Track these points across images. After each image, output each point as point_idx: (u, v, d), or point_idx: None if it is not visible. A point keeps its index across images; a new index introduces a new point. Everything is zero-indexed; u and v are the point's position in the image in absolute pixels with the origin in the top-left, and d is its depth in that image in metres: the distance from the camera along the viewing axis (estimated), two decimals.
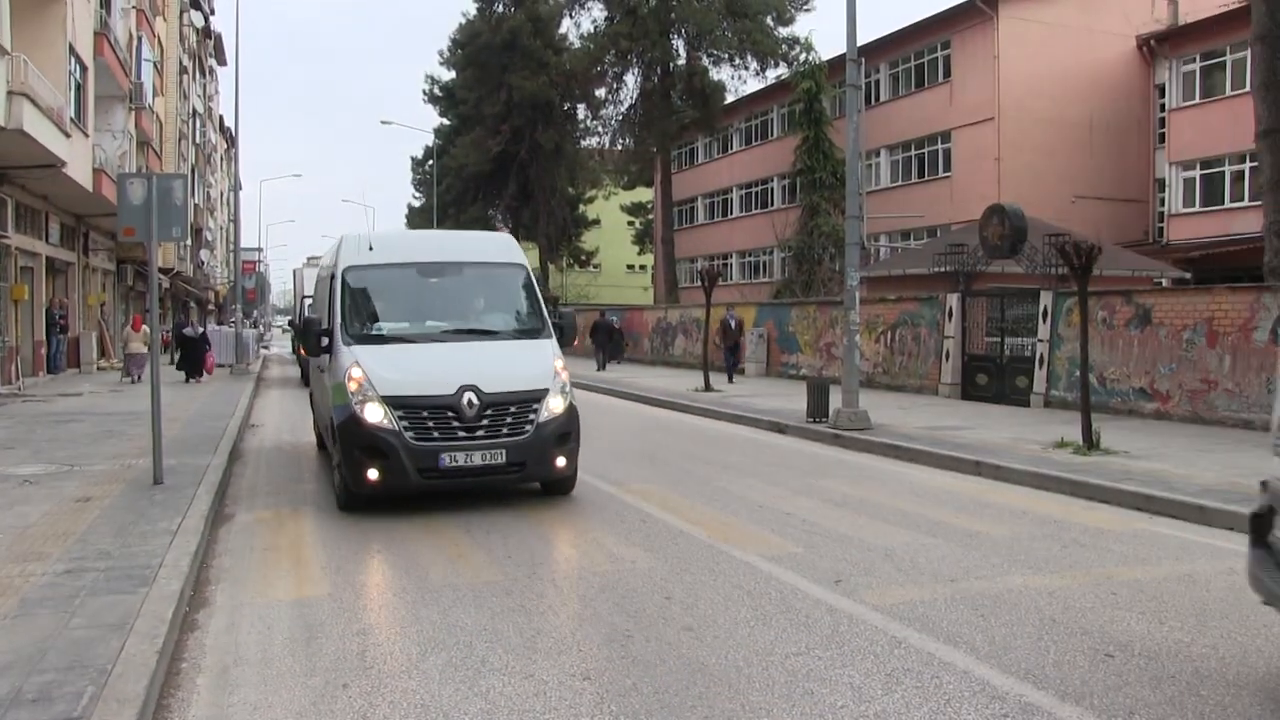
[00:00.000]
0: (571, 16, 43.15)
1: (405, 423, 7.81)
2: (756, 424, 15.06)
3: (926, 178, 32.62)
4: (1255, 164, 17.91)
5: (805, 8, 39.21)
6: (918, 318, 19.43)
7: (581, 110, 45.95)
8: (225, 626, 5.32)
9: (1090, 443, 10.92)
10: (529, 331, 9.12)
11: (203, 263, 52.15)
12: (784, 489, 9.42)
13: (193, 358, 23.92)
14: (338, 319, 8.72)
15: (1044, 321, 16.24)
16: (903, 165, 33.96)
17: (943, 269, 19.20)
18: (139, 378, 21.82)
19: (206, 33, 51.96)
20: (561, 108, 45.55)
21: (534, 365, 8.53)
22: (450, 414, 7.86)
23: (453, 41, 48.49)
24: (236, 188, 42.52)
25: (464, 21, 47.36)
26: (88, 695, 3.97)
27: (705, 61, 39.69)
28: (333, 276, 9.23)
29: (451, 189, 48.56)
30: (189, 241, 38.03)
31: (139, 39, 29.64)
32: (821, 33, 62.57)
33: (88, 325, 27.80)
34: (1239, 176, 26.13)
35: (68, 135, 19.07)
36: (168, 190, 8.88)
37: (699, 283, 24.05)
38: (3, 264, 19.95)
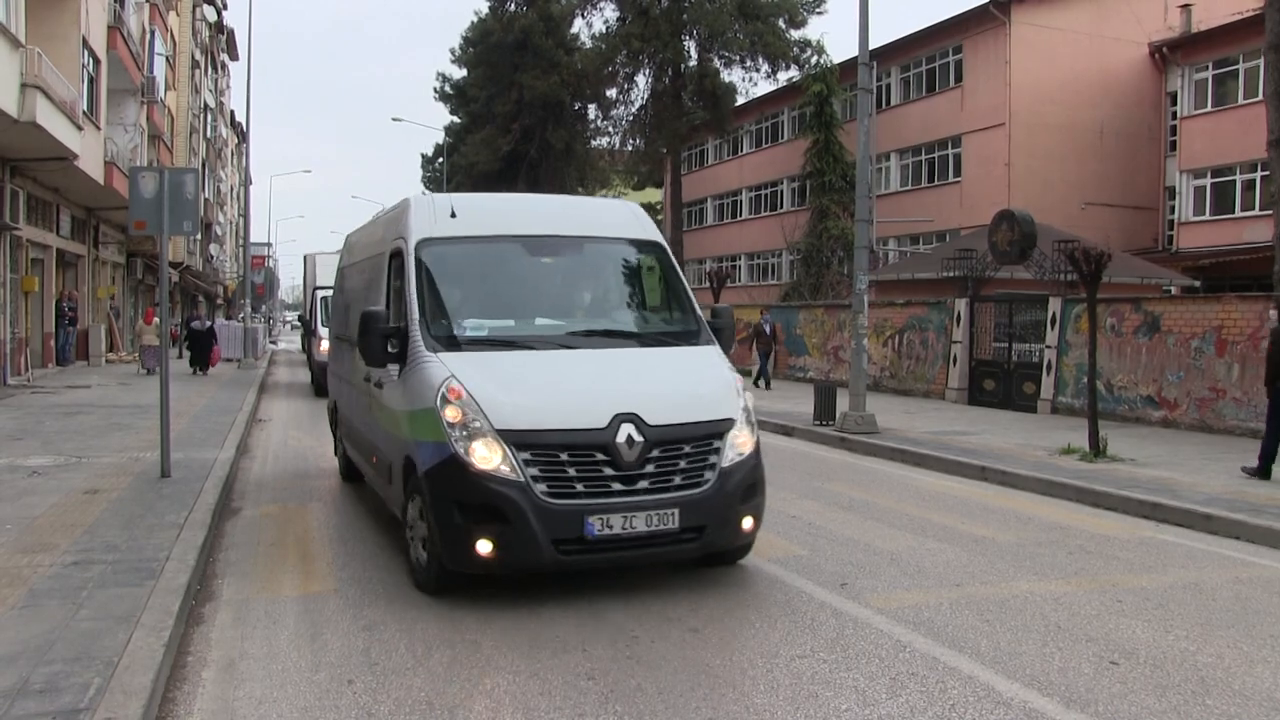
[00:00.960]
0: (583, 16, 43.15)
1: (535, 470, 5.35)
2: (763, 426, 14.95)
3: (936, 182, 32.55)
4: (1267, 173, 17.82)
5: (817, 10, 39.14)
6: (926, 322, 19.40)
7: (592, 110, 45.94)
8: (231, 621, 5.34)
9: (1097, 449, 10.89)
10: (683, 334, 6.67)
11: (212, 257, 52.35)
12: (790, 491, 9.41)
13: (200, 350, 24.26)
14: (414, 314, 6.15)
15: (1052, 328, 16.20)
16: (913, 169, 33.89)
17: (951, 274, 19.16)
18: (152, 369, 21.94)
19: (219, 27, 52.16)
20: (572, 107, 45.56)
21: (709, 383, 6.15)
22: (600, 457, 5.42)
23: (464, 40, 48.53)
24: (247, 182, 42.69)
25: (476, 20, 47.40)
26: (94, 687, 3.98)
27: (716, 63, 39.64)
28: (394, 254, 6.87)
29: (462, 187, 48.56)
30: (199, 236, 38.17)
31: (152, 33, 29.77)
32: (833, 36, 62.94)
33: (97, 318, 27.91)
34: (1250, 185, 26.01)
35: (80, 128, 19.14)
36: (179, 184, 8.90)
37: (707, 284, 23.96)
38: (13, 256, 20.02)
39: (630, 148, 44.57)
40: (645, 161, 46.31)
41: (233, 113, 63.90)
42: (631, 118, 42.26)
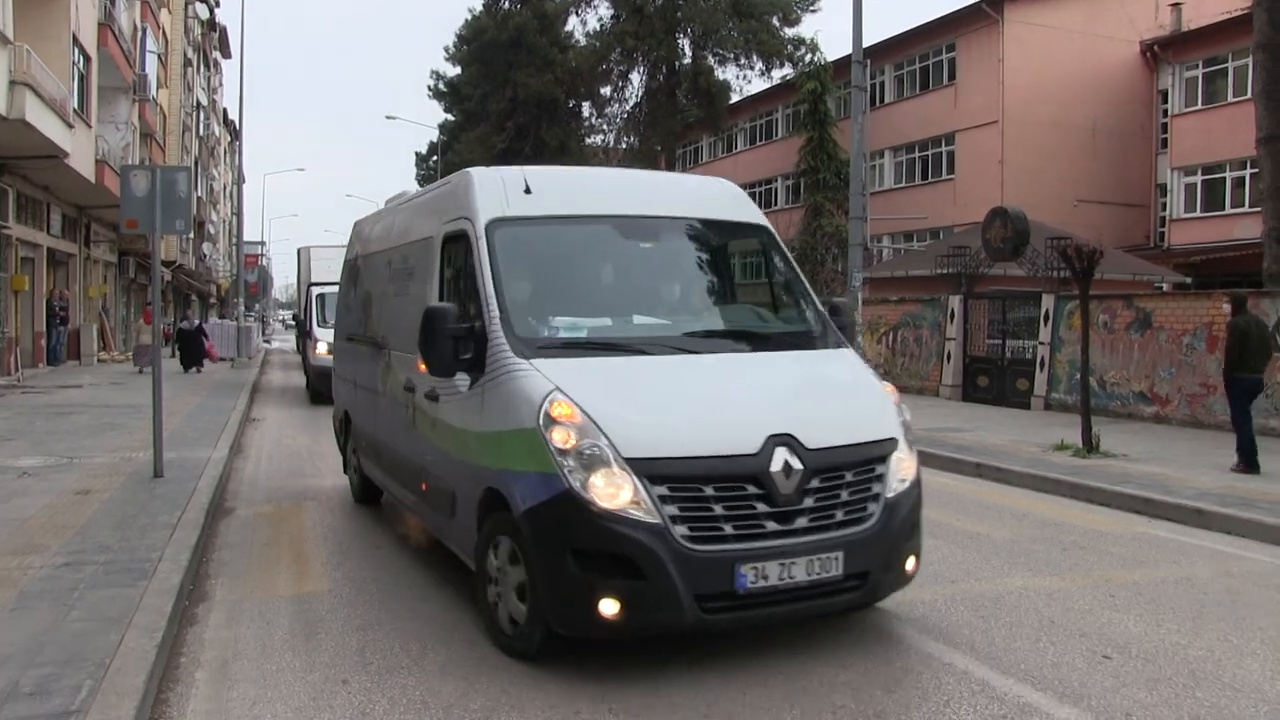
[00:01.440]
0: (578, 14, 43.20)
1: (673, 509, 4.31)
2: None
3: (930, 179, 32.62)
4: (1256, 170, 17.89)
5: (811, 8, 39.23)
6: (920, 319, 19.43)
7: (586, 108, 46.04)
8: (225, 621, 5.32)
9: (1090, 446, 10.92)
10: (810, 335, 5.71)
11: (205, 256, 52.19)
12: None
13: (190, 349, 24.34)
14: (492, 310, 5.04)
15: (1045, 324, 16.24)
16: (906, 167, 33.95)
17: (945, 271, 19.19)
18: (144, 368, 21.92)
19: (211, 25, 51.97)
20: (566, 105, 45.58)
21: (863, 394, 5.22)
22: (752, 490, 4.40)
23: (459, 38, 48.46)
24: (240, 181, 42.54)
25: (470, 18, 47.35)
26: (86, 689, 3.96)
27: (711, 61, 39.74)
28: (452, 239, 5.75)
29: None
30: (192, 235, 38.05)
31: (143, 30, 29.66)
32: (827, 33, 63.05)
33: (88, 317, 27.82)
34: (1240, 182, 26.13)
35: (70, 126, 19.07)
36: (171, 183, 8.86)
37: None
38: (3, 254, 19.95)
39: (625, 145, 44.59)
40: (640, 159, 46.18)
41: (225, 110, 63.67)
42: (626, 115, 42.34)
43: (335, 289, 15.96)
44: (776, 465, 4.42)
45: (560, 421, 4.43)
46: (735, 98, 40.75)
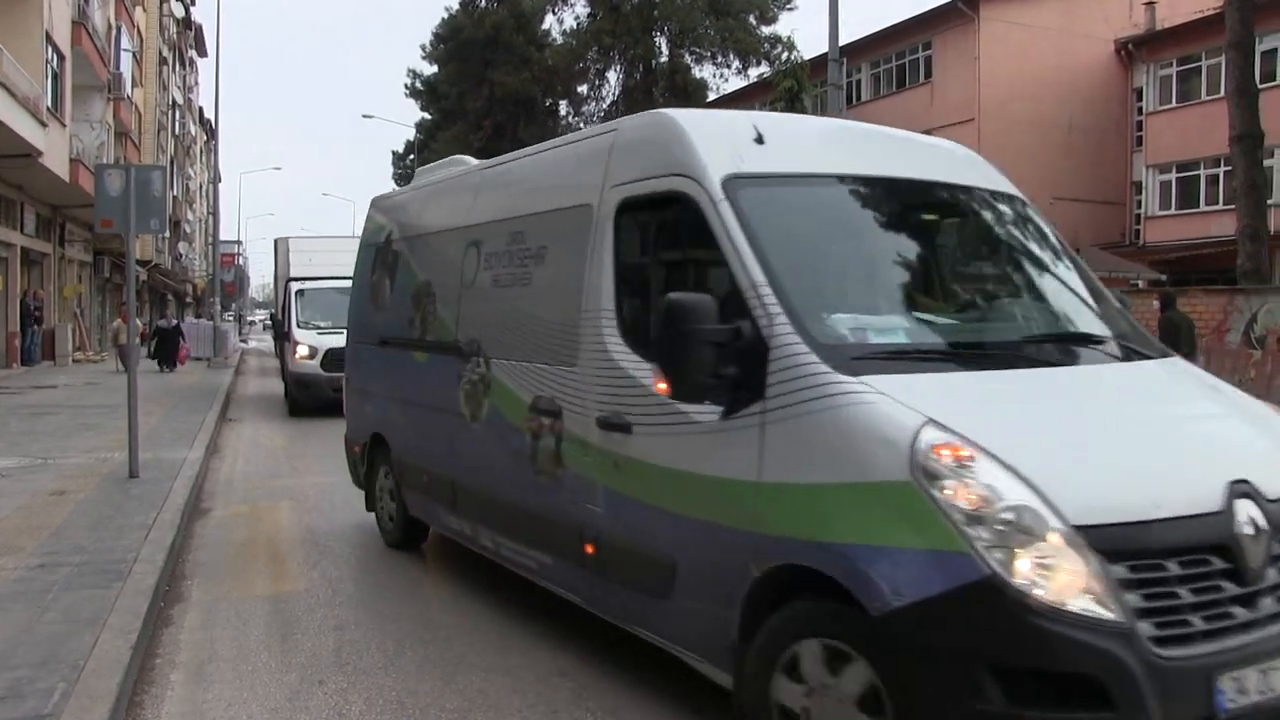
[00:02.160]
0: (554, 13, 43.17)
1: (1135, 598, 2.86)
2: None
3: None
4: (1230, 168, 18.14)
5: (787, 7, 39.40)
6: None
7: (564, 106, 45.96)
8: (200, 622, 5.30)
9: None
10: (1139, 339, 4.27)
11: (181, 255, 51.75)
12: None
13: (167, 349, 24.24)
14: (769, 304, 3.50)
15: None
16: None
17: None
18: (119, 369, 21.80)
19: (187, 23, 51.56)
20: (544, 104, 45.49)
21: (1268, 417, 3.91)
22: (1217, 563, 3.02)
23: (435, 36, 48.27)
24: (216, 180, 42.19)
25: (446, 16, 47.18)
26: (59, 692, 3.93)
27: (687, 59, 39.84)
28: (639, 206, 4.26)
29: None
30: (167, 234, 37.71)
31: (118, 28, 29.39)
32: (803, 32, 63.21)
33: (63, 317, 27.53)
34: (1214, 180, 26.45)
35: (44, 125, 18.87)
36: (146, 182, 8.80)
37: None
38: None
39: None
40: None
41: (201, 109, 63.15)
42: (603, 114, 42.28)
43: (318, 285, 15.72)
44: (1243, 525, 3.05)
45: (950, 473, 2.96)
46: (712, 96, 40.83)
